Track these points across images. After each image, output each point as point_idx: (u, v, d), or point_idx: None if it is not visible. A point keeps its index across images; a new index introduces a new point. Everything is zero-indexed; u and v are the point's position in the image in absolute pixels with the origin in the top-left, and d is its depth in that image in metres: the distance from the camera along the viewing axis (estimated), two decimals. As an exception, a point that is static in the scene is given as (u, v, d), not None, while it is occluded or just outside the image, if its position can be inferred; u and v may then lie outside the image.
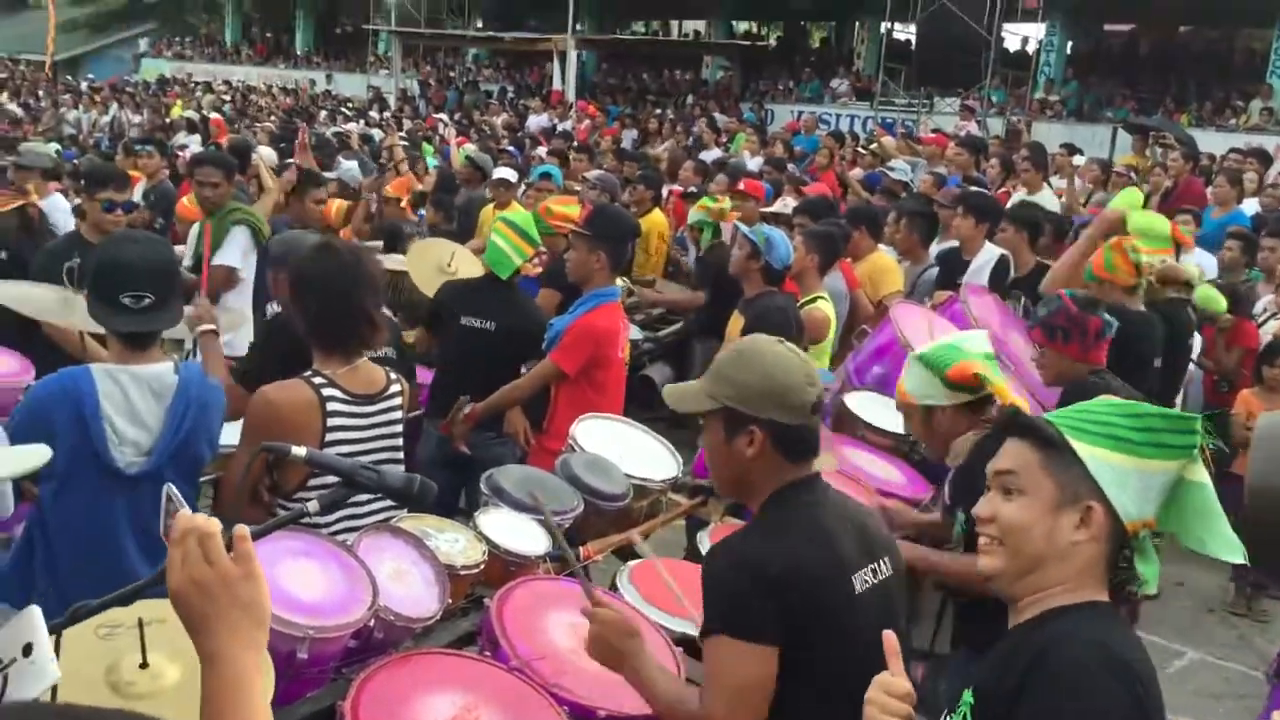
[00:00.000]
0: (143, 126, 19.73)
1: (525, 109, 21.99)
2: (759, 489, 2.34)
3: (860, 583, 2.26)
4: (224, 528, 1.46)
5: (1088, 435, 1.81)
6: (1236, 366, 6.66)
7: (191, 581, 1.36)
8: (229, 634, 1.36)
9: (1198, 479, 1.80)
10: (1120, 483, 1.78)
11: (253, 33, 38.25)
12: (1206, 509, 1.81)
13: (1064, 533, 1.81)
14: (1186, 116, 19.39)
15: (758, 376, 2.29)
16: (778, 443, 2.28)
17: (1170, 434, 1.79)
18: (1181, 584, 6.34)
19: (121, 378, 2.95)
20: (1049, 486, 1.82)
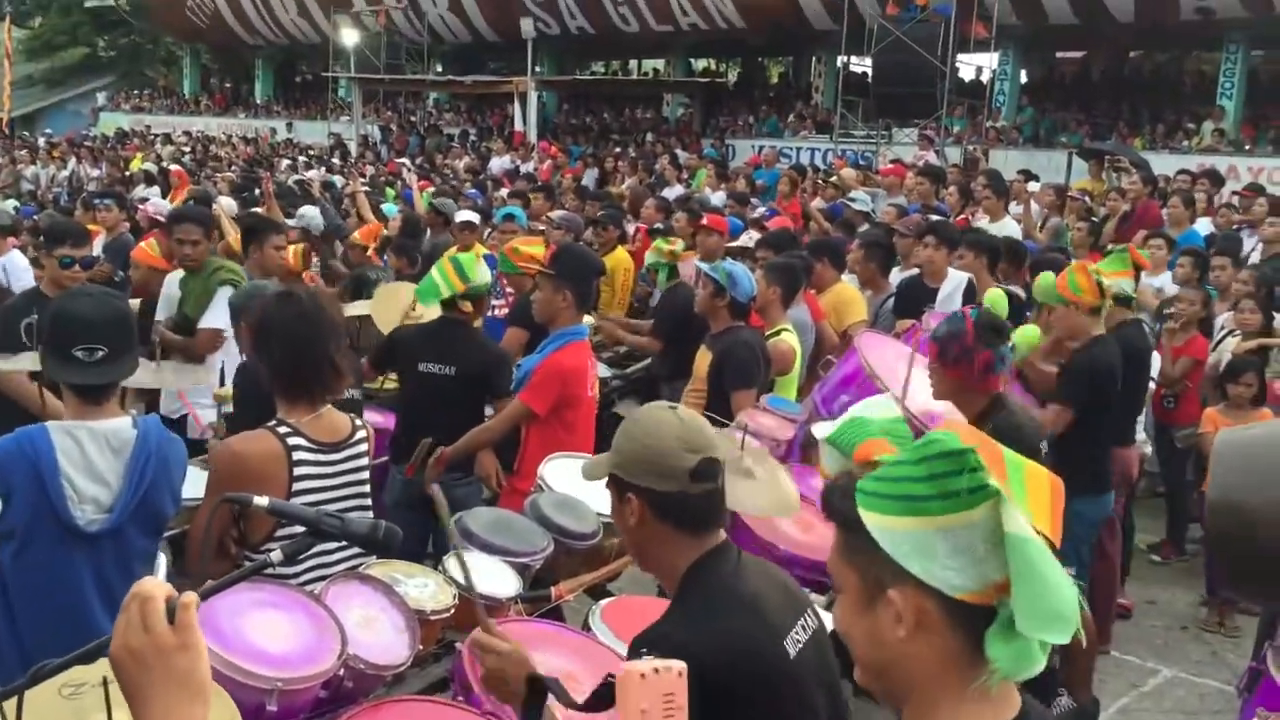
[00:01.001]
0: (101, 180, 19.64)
1: (488, 151, 22.08)
2: (664, 565, 2.26)
3: (794, 645, 2.19)
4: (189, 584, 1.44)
5: (879, 502, 1.38)
6: (1181, 377, 6.75)
7: (126, 649, 1.31)
8: (162, 708, 1.30)
9: (1012, 529, 1.29)
10: (924, 552, 1.34)
11: (211, 83, 38.25)
12: (1022, 568, 1.28)
13: (885, 633, 1.38)
14: (1140, 140, 19.72)
15: (635, 443, 2.24)
16: (657, 511, 2.19)
17: (954, 477, 1.32)
18: (1154, 602, 6.39)
19: (79, 434, 2.92)
20: (852, 579, 1.43)
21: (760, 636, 2.14)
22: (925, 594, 1.34)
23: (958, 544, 1.33)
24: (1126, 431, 5.73)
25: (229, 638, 2.41)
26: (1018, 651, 1.31)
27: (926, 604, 1.35)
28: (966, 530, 1.33)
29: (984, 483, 1.31)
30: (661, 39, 27.33)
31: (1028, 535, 1.29)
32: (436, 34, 29.29)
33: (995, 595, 1.32)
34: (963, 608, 1.33)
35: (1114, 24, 20.68)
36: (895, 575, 1.36)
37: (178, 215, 6.50)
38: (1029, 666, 1.32)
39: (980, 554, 1.32)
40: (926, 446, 1.36)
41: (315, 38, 31.15)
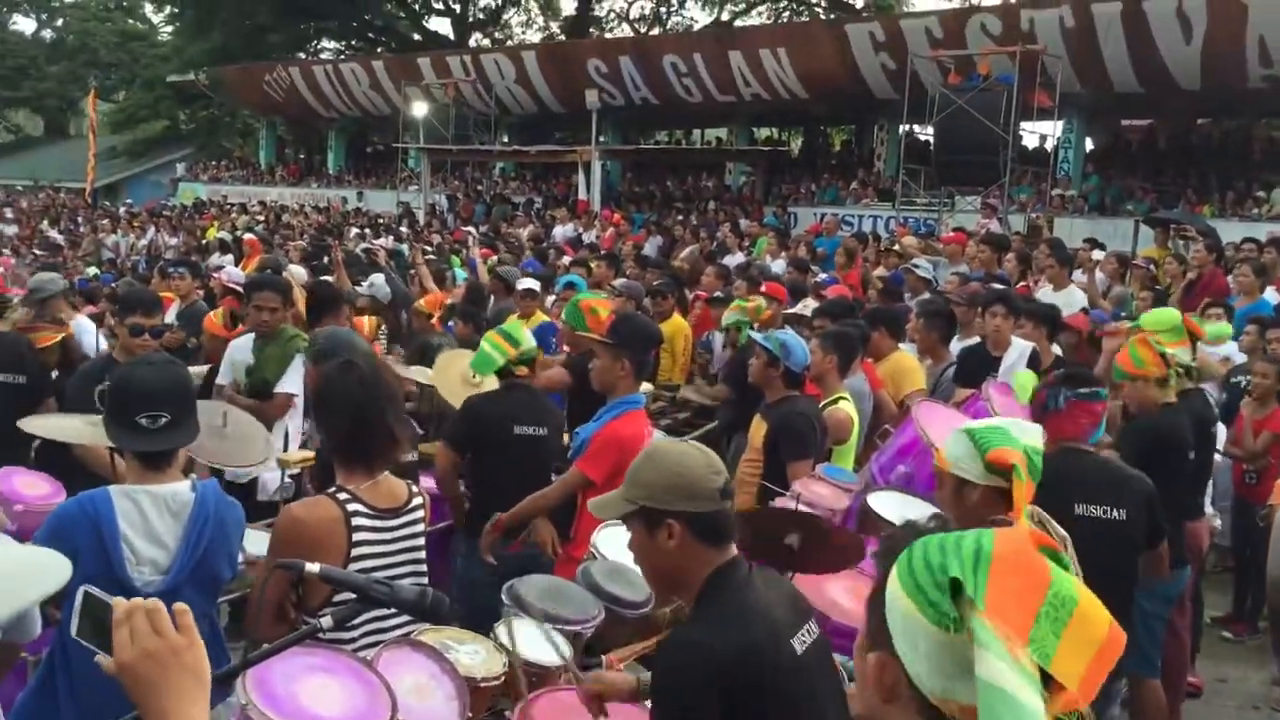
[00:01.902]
0: (178, 248, 20.24)
1: (552, 219, 22.39)
2: (688, 580, 2.46)
3: (800, 643, 2.41)
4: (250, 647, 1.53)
5: (903, 574, 1.33)
6: (1264, 451, 6.62)
7: (144, 653, 1.48)
8: (177, 696, 1.48)
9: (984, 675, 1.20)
10: (911, 640, 1.30)
11: (286, 154, 39.31)
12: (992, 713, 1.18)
13: (869, 684, 1.39)
14: (1209, 208, 19.45)
15: (664, 474, 2.46)
16: (695, 531, 2.42)
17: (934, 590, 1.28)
18: (1225, 681, 6.20)
19: (139, 497, 3.01)
20: (867, 623, 1.43)
21: (773, 636, 2.37)
22: (902, 674, 1.33)
23: (932, 649, 1.29)
24: (1195, 504, 5.62)
25: (283, 701, 2.45)
26: None
27: (901, 683, 1.34)
28: (939, 646, 1.28)
29: (947, 612, 1.26)
30: (724, 109, 27.62)
31: (999, 685, 1.19)
32: (504, 105, 29.89)
33: (957, 712, 1.28)
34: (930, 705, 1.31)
35: (1180, 92, 20.55)
36: (884, 643, 1.35)
37: (258, 283, 6.67)
38: None
39: (949, 672, 1.28)
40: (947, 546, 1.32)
41: (386, 110, 31.93)
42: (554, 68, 28.24)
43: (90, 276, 16.71)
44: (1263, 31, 18.15)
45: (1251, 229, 15.59)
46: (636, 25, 42.91)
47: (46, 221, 28.83)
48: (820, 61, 23.70)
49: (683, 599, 2.58)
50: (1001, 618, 1.23)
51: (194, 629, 1.54)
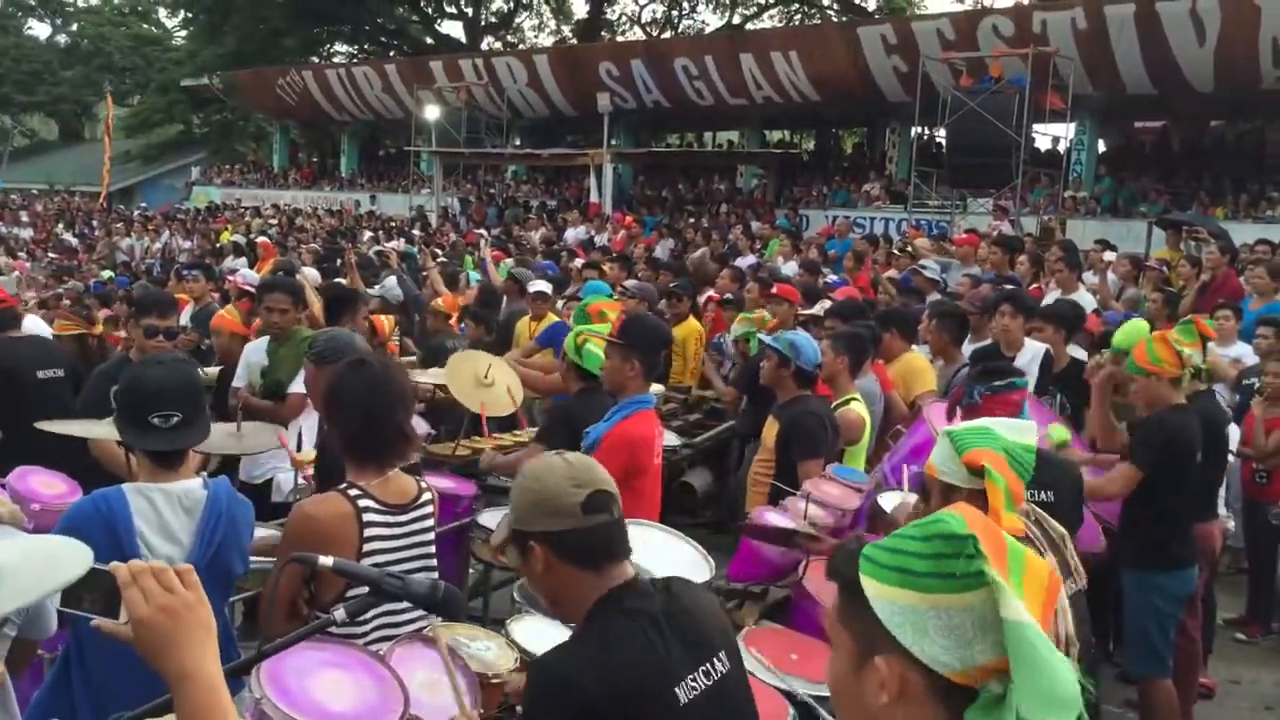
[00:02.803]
0: (192, 252, 20.34)
1: (564, 222, 22.44)
2: (574, 605, 2.31)
3: (687, 692, 2.23)
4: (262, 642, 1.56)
5: (879, 571, 1.40)
6: (1275, 451, 6.63)
7: (160, 610, 1.54)
8: (199, 650, 1.53)
9: (1010, 616, 1.30)
10: (917, 626, 1.35)
11: (299, 158, 39.47)
12: (1021, 654, 1.29)
13: (868, 697, 1.39)
14: (1222, 210, 19.39)
15: (526, 492, 2.31)
16: (559, 552, 2.27)
17: (953, 560, 1.34)
18: (1238, 682, 6.19)
19: (153, 495, 3.04)
20: (847, 641, 1.45)
21: (647, 676, 2.19)
22: (911, 665, 1.36)
23: (949, 624, 1.34)
24: (1207, 505, 5.61)
25: (295, 695, 2.48)
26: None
27: (911, 675, 1.36)
28: (959, 612, 1.34)
29: (980, 569, 1.33)
30: (735, 111, 27.63)
31: (1026, 621, 1.29)
32: (515, 109, 29.96)
33: (980, 678, 1.34)
34: (946, 684, 1.35)
35: (1193, 94, 20.49)
36: (886, 643, 1.37)
37: (269, 284, 6.71)
38: None
39: (969, 637, 1.33)
40: (931, 525, 1.38)
41: (399, 113, 32.04)
42: (566, 71, 28.29)
43: (105, 280, 16.81)
44: (1276, 33, 18.09)
45: (1265, 231, 15.55)
46: (648, 28, 43.00)
47: (61, 225, 29.05)
48: (832, 64, 23.71)
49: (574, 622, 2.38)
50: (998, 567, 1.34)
51: (199, 585, 1.59)
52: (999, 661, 1.32)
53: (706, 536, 4.32)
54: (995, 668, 1.33)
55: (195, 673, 1.52)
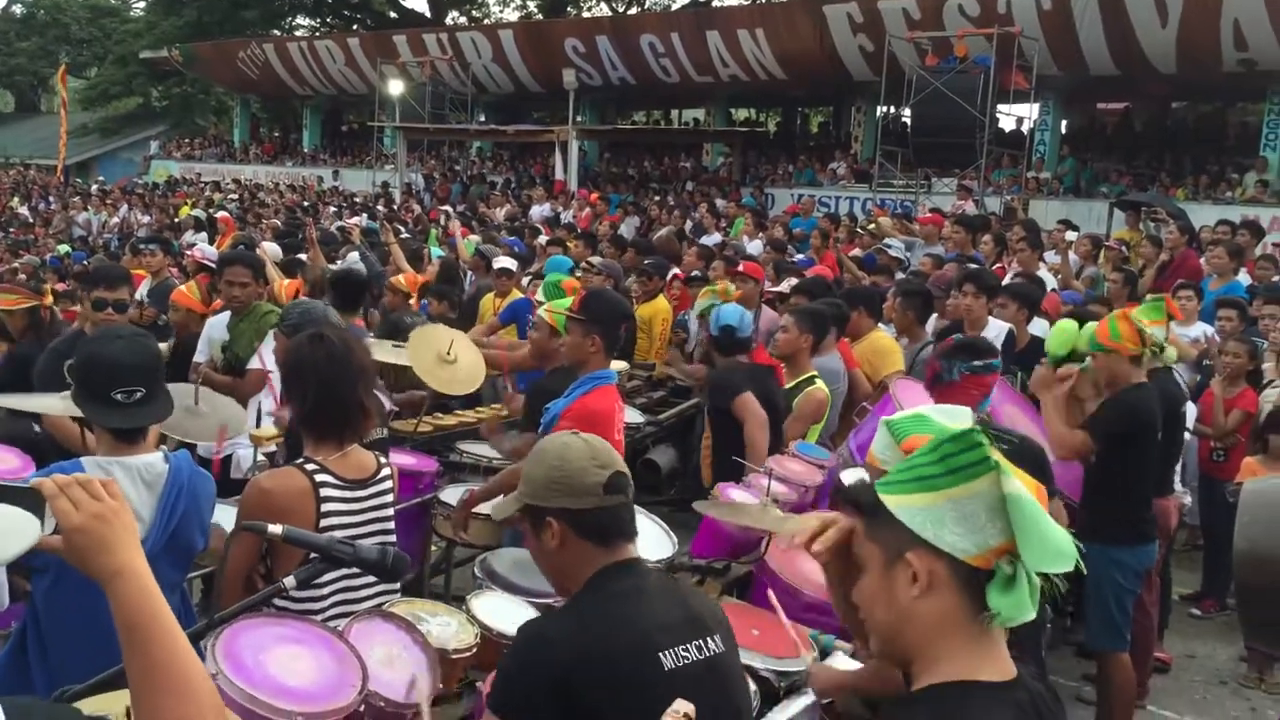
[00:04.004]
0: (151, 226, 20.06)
1: (528, 199, 22.30)
2: (577, 579, 2.35)
3: (674, 659, 2.26)
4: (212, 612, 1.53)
5: (895, 487, 1.67)
6: (1234, 429, 6.71)
7: (93, 516, 1.59)
8: (129, 550, 1.58)
9: (1010, 490, 1.59)
10: (936, 521, 1.62)
11: (261, 132, 38.98)
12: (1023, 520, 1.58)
13: (900, 593, 1.65)
14: (1182, 191, 19.57)
15: (544, 469, 2.36)
16: (577, 529, 2.32)
17: (960, 455, 1.62)
18: (1193, 657, 6.28)
19: (112, 468, 2.98)
20: (875, 552, 1.71)
21: (631, 645, 2.24)
22: (936, 557, 1.62)
23: (963, 512, 1.61)
24: (1164, 482, 5.67)
25: (251, 671, 2.44)
26: (1014, 602, 1.58)
27: (936, 565, 1.62)
28: (970, 500, 1.61)
29: (985, 455, 1.60)
30: (702, 89, 27.54)
31: (1024, 494, 1.59)
32: (480, 84, 29.70)
33: (993, 559, 1.60)
34: (965, 568, 1.61)
35: (1155, 75, 20.62)
36: (911, 542, 1.64)
37: (229, 258, 6.62)
38: (1023, 614, 1.59)
39: (981, 522, 1.60)
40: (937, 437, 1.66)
41: (362, 88, 31.70)
42: (531, 47, 28.06)
43: (61, 254, 16.56)
44: (1238, 15, 18.22)
45: (1224, 212, 15.70)
46: (614, 4, 42.72)
47: (17, 199, 28.54)
48: (798, 42, 23.65)
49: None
50: None
51: (120, 494, 1.65)
52: (1008, 543, 1.59)
53: (669, 514, 4.32)
54: (1005, 549, 1.59)
55: (128, 568, 1.57)
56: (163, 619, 1.56)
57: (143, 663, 1.53)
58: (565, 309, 4.93)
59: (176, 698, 1.53)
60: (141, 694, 1.53)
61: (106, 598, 2.67)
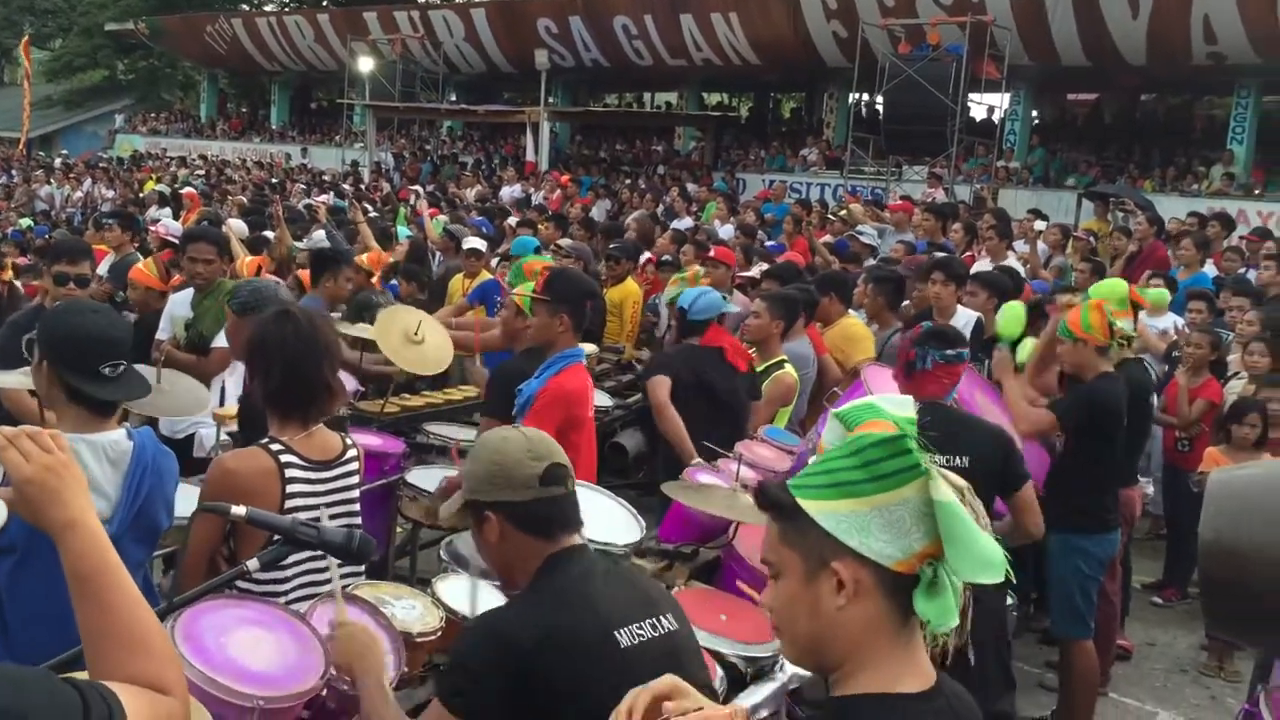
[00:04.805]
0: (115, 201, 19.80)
1: (499, 180, 22.18)
2: (524, 571, 2.35)
3: (630, 636, 2.27)
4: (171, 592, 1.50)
5: (815, 492, 1.62)
6: (1198, 419, 6.76)
7: (44, 468, 1.59)
8: (80, 502, 1.58)
9: (940, 498, 1.55)
10: (862, 528, 1.58)
11: (228, 108, 38.53)
12: (953, 529, 1.53)
13: (825, 603, 1.60)
14: (1150, 182, 19.72)
15: (481, 464, 2.35)
16: (516, 522, 2.32)
17: (888, 460, 1.58)
18: (1154, 645, 6.34)
19: (78, 446, 2.91)
20: (794, 560, 1.64)
21: (583, 627, 2.23)
22: (861, 564, 1.58)
23: (890, 519, 1.58)
24: (1129, 471, 5.71)
25: (212, 654, 2.40)
26: (940, 608, 1.56)
27: (862, 573, 1.58)
28: (897, 506, 1.58)
29: (915, 462, 1.57)
30: (675, 73, 27.45)
31: (954, 500, 1.55)
32: (452, 64, 29.48)
33: (917, 564, 1.58)
34: (890, 575, 1.58)
35: (1126, 67, 20.74)
36: (836, 550, 1.59)
37: (193, 234, 6.51)
38: (949, 619, 1.57)
39: (907, 526, 1.57)
40: (858, 441, 1.62)
41: (332, 65, 31.39)
42: (504, 26, 27.85)
43: (23, 228, 16.31)
44: (1208, 10, 18.35)
45: (1191, 204, 15.85)
46: (588, -14, 42.42)
47: (-22, 171, 28.12)
48: (771, 28, 23.61)
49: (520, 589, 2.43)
50: None
51: (69, 448, 1.64)
52: (932, 546, 1.56)
53: (637, 498, 4.29)
54: (928, 552, 1.57)
55: (80, 520, 1.57)
56: (116, 571, 1.53)
57: (97, 616, 1.51)
58: (530, 291, 4.90)
59: (132, 650, 1.50)
60: (97, 648, 1.50)
61: None
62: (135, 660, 1.49)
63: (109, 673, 1.48)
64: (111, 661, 1.49)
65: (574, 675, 2.17)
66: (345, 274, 6.60)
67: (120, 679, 1.46)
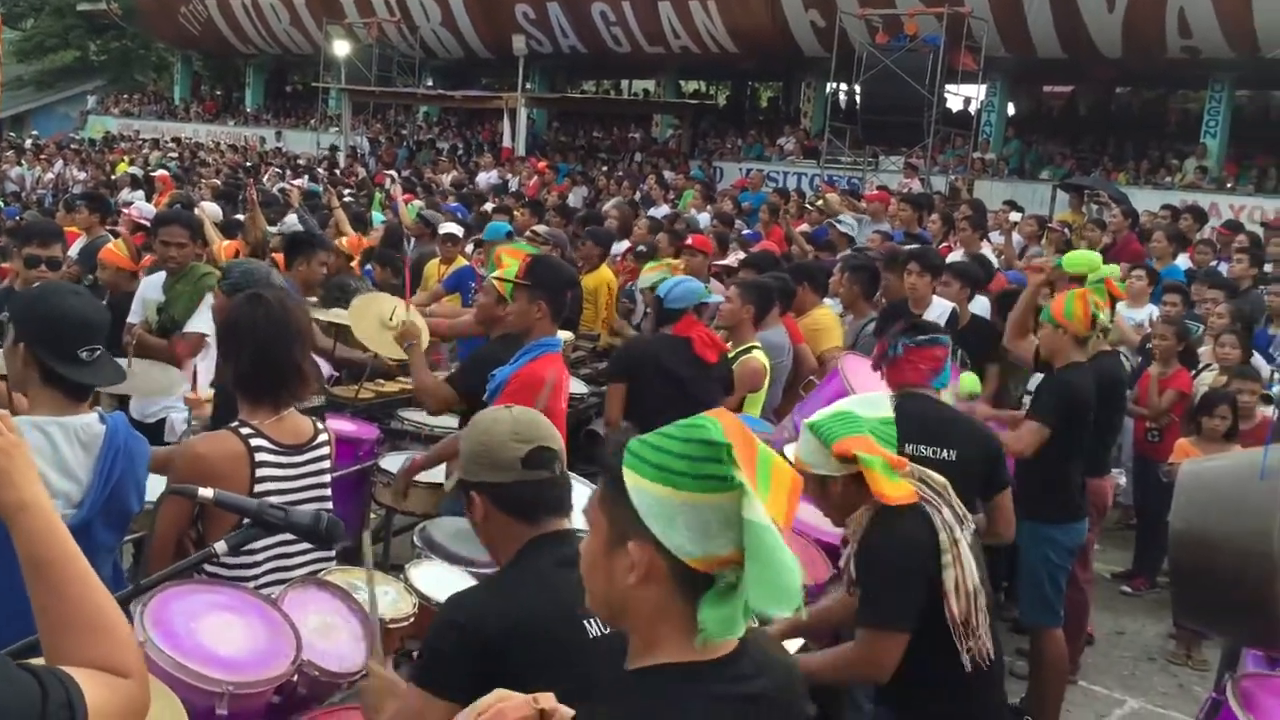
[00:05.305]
0: (86, 183, 19.60)
1: (476, 166, 22.09)
2: (505, 551, 2.36)
3: (599, 626, 2.26)
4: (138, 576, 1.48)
5: (641, 466, 1.57)
6: (1168, 409, 6.82)
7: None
8: (30, 483, 1.55)
9: (751, 517, 1.49)
10: (667, 518, 1.53)
11: (202, 90, 38.18)
12: (758, 550, 1.48)
13: (619, 576, 1.59)
14: (1124, 175, 19.86)
15: (469, 444, 2.39)
16: (497, 503, 2.33)
17: (708, 463, 1.52)
18: (1123, 633, 6.39)
19: (50, 429, 2.88)
20: (603, 524, 1.63)
21: (548, 611, 2.22)
22: (658, 552, 1.54)
23: (696, 519, 1.52)
24: (1101, 462, 5.74)
25: (181, 639, 2.38)
26: (724, 618, 1.52)
27: (658, 560, 1.54)
28: (706, 509, 1.52)
29: (731, 475, 1.51)
30: (652, 60, 27.40)
31: (765, 523, 1.48)
32: (428, 48, 29.31)
33: (715, 567, 1.53)
34: (687, 570, 1.53)
35: (1101, 59, 20.86)
36: (636, 530, 1.55)
37: (165, 217, 6.43)
38: (731, 632, 1.54)
39: (712, 531, 1.52)
40: (693, 429, 1.55)
41: (307, 48, 31.14)
42: (481, 11, 27.68)
43: (-6, 209, 16.13)
44: (1183, 4, 18.47)
45: (1164, 197, 15.97)
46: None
47: (-52, 152, 27.75)
48: (750, 16, 23.60)
49: None
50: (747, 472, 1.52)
51: (18, 429, 1.61)
52: (734, 554, 1.51)
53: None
54: (730, 559, 1.51)
55: (34, 503, 1.54)
56: (71, 553, 1.50)
57: (53, 599, 1.48)
58: (511, 276, 4.86)
59: (89, 634, 1.47)
60: (53, 632, 1.48)
61: None
62: (92, 644, 1.47)
63: (66, 657, 1.45)
64: (68, 646, 1.47)
65: (540, 663, 2.15)
66: (319, 258, 6.55)
67: (78, 663, 1.44)
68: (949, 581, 2.85)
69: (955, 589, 2.85)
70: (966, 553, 2.89)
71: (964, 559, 2.88)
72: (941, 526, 2.89)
